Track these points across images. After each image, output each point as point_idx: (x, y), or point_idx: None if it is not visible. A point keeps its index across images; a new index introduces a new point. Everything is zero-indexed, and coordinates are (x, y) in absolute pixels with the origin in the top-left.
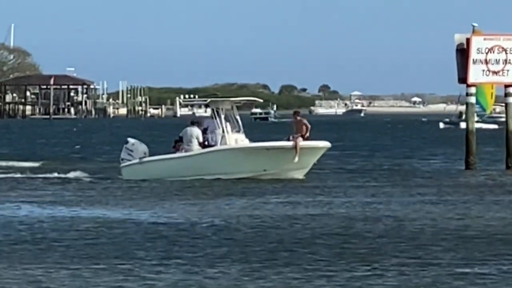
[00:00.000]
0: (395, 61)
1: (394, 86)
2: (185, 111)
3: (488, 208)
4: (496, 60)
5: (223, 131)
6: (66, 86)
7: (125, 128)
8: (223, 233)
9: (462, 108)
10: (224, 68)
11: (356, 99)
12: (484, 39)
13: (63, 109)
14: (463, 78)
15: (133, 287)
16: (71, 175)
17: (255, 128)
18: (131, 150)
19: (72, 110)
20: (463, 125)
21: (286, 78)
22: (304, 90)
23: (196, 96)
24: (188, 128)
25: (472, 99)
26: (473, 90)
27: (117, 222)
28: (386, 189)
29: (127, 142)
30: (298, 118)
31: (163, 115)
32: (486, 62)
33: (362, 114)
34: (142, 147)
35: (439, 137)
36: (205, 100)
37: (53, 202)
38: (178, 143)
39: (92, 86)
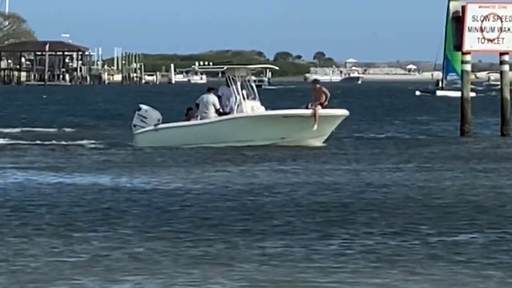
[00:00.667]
0: (391, 29)
1: (389, 54)
2: (180, 78)
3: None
4: (491, 28)
5: (239, 99)
6: (61, 53)
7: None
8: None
9: (439, 76)
10: (219, 35)
11: (351, 66)
12: (479, 6)
13: (58, 75)
14: (458, 45)
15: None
16: (82, 142)
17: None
18: (145, 117)
19: (67, 76)
20: (439, 93)
21: (281, 45)
22: (299, 57)
23: (202, 63)
24: (205, 95)
25: (468, 67)
26: (468, 57)
27: (143, 191)
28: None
29: (139, 108)
30: (318, 86)
31: (158, 82)
32: (481, 30)
33: (359, 82)
34: (156, 114)
35: (419, 105)
36: (222, 67)
37: (64, 168)
38: (190, 111)
39: (87, 53)
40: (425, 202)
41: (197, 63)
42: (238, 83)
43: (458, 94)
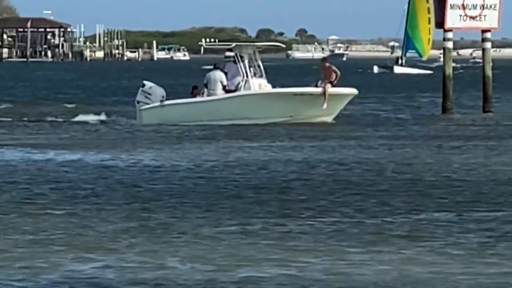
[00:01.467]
0: (373, 5)
1: (371, 31)
2: (162, 54)
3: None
4: (473, 5)
5: (246, 76)
6: (43, 29)
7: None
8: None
9: (399, 53)
10: (201, 12)
11: (334, 43)
12: None
13: (40, 52)
14: (440, 23)
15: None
16: (88, 118)
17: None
18: (149, 93)
19: (49, 53)
20: (396, 69)
21: (264, 22)
22: (281, 34)
23: (206, 41)
24: (211, 73)
25: (450, 44)
26: (450, 35)
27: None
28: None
29: (143, 85)
30: (327, 64)
31: (140, 59)
32: (464, 7)
33: (344, 59)
34: (160, 90)
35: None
36: (230, 45)
37: (67, 145)
38: (196, 90)
39: (69, 30)
40: (398, 178)
41: (203, 40)
42: (246, 61)
43: (415, 71)
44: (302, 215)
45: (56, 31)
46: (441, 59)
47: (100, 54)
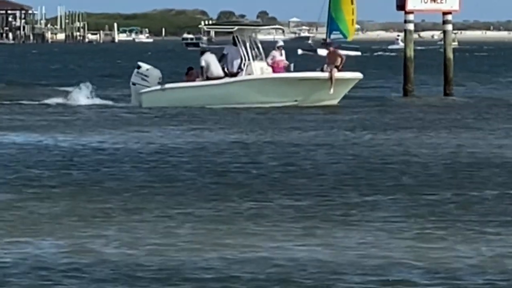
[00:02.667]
0: None
1: None
2: (123, 36)
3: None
4: None
5: (248, 59)
6: (4, 11)
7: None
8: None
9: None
10: None
11: (295, 25)
12: None
13: (1, 34)
14: (401, 5)
15: None
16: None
17: (186, 53)
18: (146, 75)
19: (10, 35)
20: (320, 51)
21: (225, 4)
22: (242, 16)
23: (205, 23)
24: (203, 57)
25: (411, 26)
26: (411, 17)
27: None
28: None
29: (139, 66)
30: (332, 49)
31: (101, 41)
32: None
33: (310, 41)
34: (157, 72)
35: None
36: (232, 28)
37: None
38: (191, 71)
39: (30, 11)
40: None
41: (203, 22)
42: (247, 44)
43: (344, 52)
44: (233, 198)
45: (17, 13)
46: (400, 42)
47: (61, 36)
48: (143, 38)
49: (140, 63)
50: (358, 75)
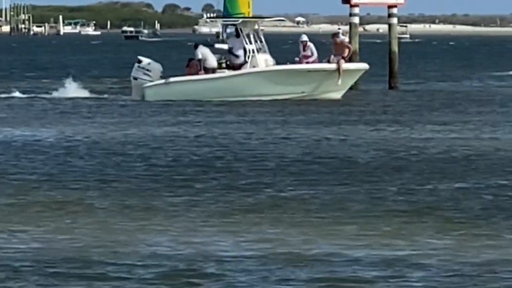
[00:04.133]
0: None
1: (278, 6)
2: (68, 29)
3: None
4: None
5: (252, 52)
6: None
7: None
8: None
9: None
10: None
11: None
12: None
13: None
14: None
15: None
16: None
17: (125, 46)
18: (148, 70)
19: None
20: (217, 45)
21: None
22: (187, 9)
23: (208, 16)
24: (199, 50)
25: (356, 19)
26: (356, 10)
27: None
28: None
29: (140, 61)
30: (339, 40)
31: (46, 33)
32: None
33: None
34: (158, 66)
35: None
36: (236, 20)
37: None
38: (192, 61)
39: None
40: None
41: (205, 15)
42: (251, 37)
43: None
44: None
45: None
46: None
47: (6, 28)
48: (90, 30)
49: (140, 58)
50: (364, 65)
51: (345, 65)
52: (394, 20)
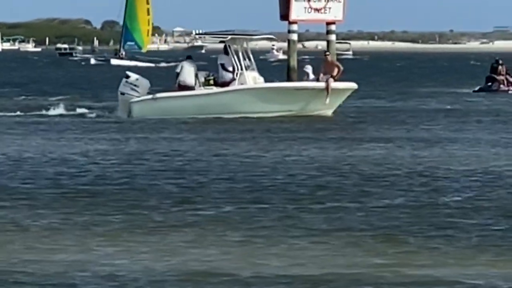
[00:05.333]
0: None
1: (220, 22)
2: (7, 46)
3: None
4: None
5: (241, 69)
6: None
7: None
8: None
9: (116, 46)
10: (45, 3)
11: (179, 35)
12: None
13: None
14: (285, 15)
15: None
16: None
17: (58, 64)
18: (136, 85)
19: None
20: (114, 62)
21: (108, 13)
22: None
23: (197, 32)
24: (181, 63)
25: (294, 36)
26: (295, 27)
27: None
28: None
29: (127, 76)
30: (329, 59)
31: None
32: None
33: (203, 51)
34: (146, 82)
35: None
36: (226, 37)
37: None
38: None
39: None
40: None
41: (194, 31)
42: (240, 53)
43: (134, 63)
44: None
45: None
46: (275, 51)
47: None
48: (30, 47)
49: (128, 73)
50: (353, 85)
51: (333, 84)
52: (333, 37)
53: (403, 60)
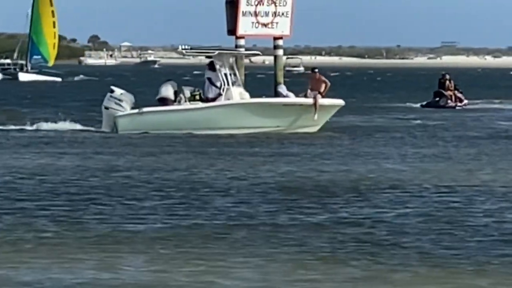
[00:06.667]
0: (164, 11)
1: (167, 37)
2: None
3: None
4: (266, 12)
5: (228, 85)
6: None
7: None
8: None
9: (22, 61)
10: None
11: (126, 50)
12: None
13: None
14: (232, 30)
15: None
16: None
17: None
18: (120, 100)
19: None
20: (22, 77)
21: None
22: (74, 40)
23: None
24: (169, 84)
25: (242, 51)
26: (242, 42)
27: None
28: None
29: (112, 91)
30: (317, 75)
31: None
32: (256, 14)
33: (156, 66)
34: (131, 97)
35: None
36: (213, 52)
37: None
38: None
39: None
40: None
41: (180, 46)
42: (227, 69)
43: (42, 77)
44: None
45: None
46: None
47: None
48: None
49: (113, 87)
50: (340, 102)
51: (321, 101)
52: (280, 52)
53: (352, 76)
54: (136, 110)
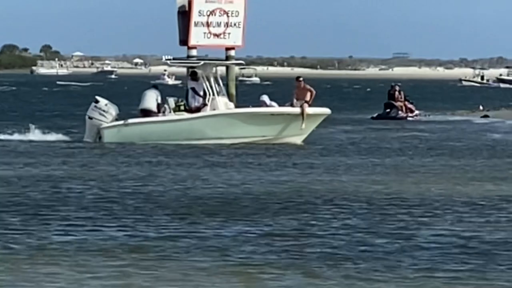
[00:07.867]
0: (116, 21)
1: (116, 47)
2: None
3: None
4: (218, 23)
5: (213, 95)
6: None
7: None
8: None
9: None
10: None
11: (78, 59)
12: (206, 1)
13: None
14: (184, 40)
15: None
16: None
17: None
18: (105, 111)
19: None
20: None
21: (8, 37)
22: (26, 50)
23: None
24: (149, 92)
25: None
26: (194, 52)
27: None
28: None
29: (97, 101)
30: (302, 84)
31: None
32: (208, 24)
33: (113, 76)
34: (115, 108)
35: None
36: (198, 62)
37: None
38: (159, 104)
39: None
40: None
41: (164, 57)
42: (212, 79)
43: None
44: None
45: None
46: (166, 77)
47: None
48: None
49: (98, 98)
50: (326, 110)
51: (308, 110)
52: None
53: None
54: (122, 122)
